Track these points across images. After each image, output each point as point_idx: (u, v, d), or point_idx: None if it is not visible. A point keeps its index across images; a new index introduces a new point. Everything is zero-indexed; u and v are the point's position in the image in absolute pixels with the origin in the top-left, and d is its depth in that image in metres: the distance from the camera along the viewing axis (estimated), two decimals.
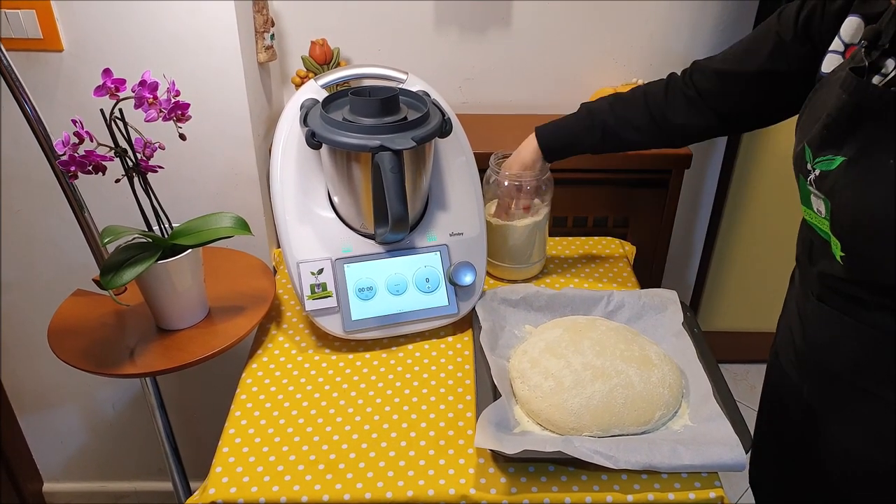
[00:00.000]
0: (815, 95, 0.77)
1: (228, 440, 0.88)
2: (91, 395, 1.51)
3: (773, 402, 1.01)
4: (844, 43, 0.75)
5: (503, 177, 1.10)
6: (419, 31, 1.39)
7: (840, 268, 0.74)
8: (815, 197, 0.74)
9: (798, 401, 0.90)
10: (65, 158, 0.85)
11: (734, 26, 1.43)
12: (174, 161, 1.08)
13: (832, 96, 0.71)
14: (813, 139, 0.73)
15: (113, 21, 1.08)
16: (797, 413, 0.91)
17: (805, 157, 0.75)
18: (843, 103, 0.69)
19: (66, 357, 0.95)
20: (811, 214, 0.77)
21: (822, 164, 0.72)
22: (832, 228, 0.73)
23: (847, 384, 0.81)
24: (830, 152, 0.71)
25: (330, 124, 0.94)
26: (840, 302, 0.79)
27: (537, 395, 0.89)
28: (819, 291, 0.82)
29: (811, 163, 0.74)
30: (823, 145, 0.72)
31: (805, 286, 0.86)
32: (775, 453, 1.00)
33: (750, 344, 2.04)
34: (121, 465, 1.64)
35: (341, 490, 0.81)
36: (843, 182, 0.69)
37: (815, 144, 0.73)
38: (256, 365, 1.01)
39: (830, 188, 0.71)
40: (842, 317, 0.79)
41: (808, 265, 0.84)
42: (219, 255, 1.16)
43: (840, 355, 0.81)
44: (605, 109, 1.01)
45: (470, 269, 1.04)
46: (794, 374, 0.91)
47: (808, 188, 0.75)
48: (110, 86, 0.84)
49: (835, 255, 0.74)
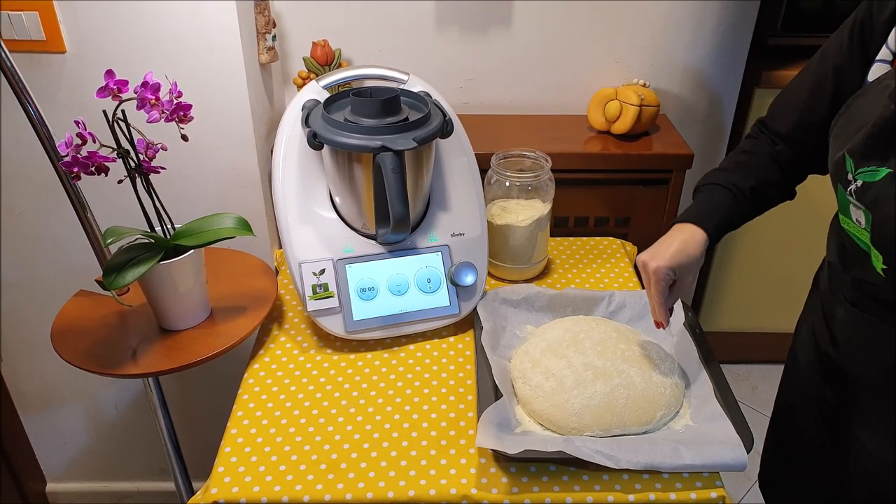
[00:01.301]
0: (855, 102, 0.75)
1: (230, 440, 0.88)
2: (94, 395, 1.51)
3: (791, 406, 1.00)
4: (892, 51, 0.73)
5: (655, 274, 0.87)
6: (420, 31, 1.39)
7: (881, 279, 0.72)
8: (855, 207, 0.72)
9: (820, 407, 0.89)
10: (67, 159, 0.85)
11: (735, 27, 1.43)
12: (176, 162, 1.08)
13: (877, 105, 0.69)
14: (855, 148, 0.71)
15: (115, 22, 1.09)
16: (818, 419, 0.90)
17: (846, 167, 0.72)
18: (891, 114, 0.66)
19: (69, 357, 0.95)
20: (850, 224, 0.75)
21: (864, 174, 0.70)
22: (873, 241, 0.71)
23: (878, 391, 0.80)
24: (874, 163, 0.69)
25: (331, 125, 0.94)
26: (877, 308, 0.77)
27: (539, 395, 0.89)
28: (853, 297, 0.80)
29: (852, 173, 0.71)
30: (867, 155, 0.69)
31: (836, 290, 0.84)
32: (791, 459, 0.99)
33: (752, 344, 2.04)
34: (123, 465, 1.65)
35: (343, 490, 0.81)
36: (886, 194, 0.67)
37: (857, 154, 0.71)
38: (258, 365, 1.01)
39: (873, 200, 0.69)
40: (878, 323, 0.77)
41: (842, 270, 0.81)
42: (221, 256, 1.17)
43: (873, 361, 0.79)
44: (742, 178, 0.90)
45: (471, 270, 1.04)
46: (816, 379, 0.90)
47: (848, 198, 0.73)
48: (113, 87, 0.84)
49: (875, 267, 0.72)
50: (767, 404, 1.95)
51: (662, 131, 1.43)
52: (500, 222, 1.14)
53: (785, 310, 1.91)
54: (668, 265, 0.84)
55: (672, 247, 0.85)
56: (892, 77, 0.70)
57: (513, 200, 1.16)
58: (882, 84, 0.71)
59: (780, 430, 1.03)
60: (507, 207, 1.16)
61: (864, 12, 0.76)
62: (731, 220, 0.90)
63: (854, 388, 0.83)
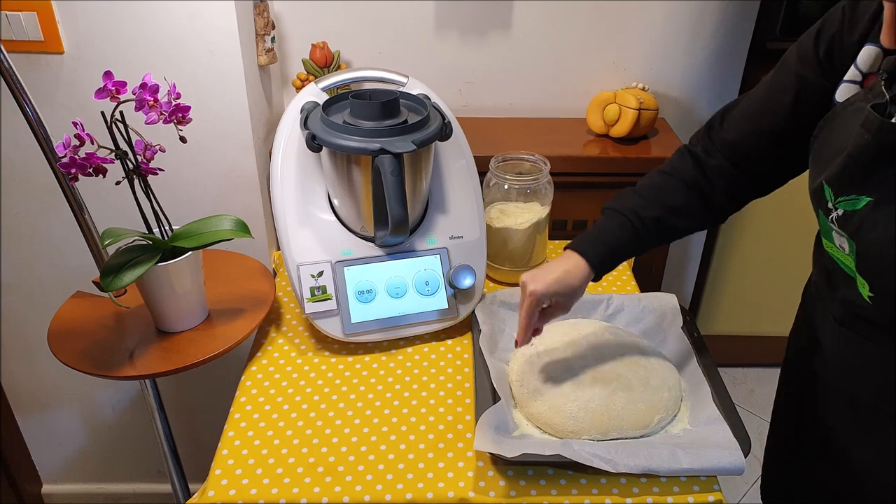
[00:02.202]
0: (828, 125, 0.74)
1: (228, 442, 0.88)
2: (90, 396, 1.51)
3: (786, 419, 0.99)
4: (862, 72, 0.71)
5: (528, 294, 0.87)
6: (420, 34, 1.39)
7: (868, 304, 0.71)
8: (838, 234, 0.71)
9: (814, 421, 0.88)
10: (65, 160, 0.85)
11: (734, 31, 1.43)
12: (174, 163, 1.08)
13: (851, 133, 0.68)
14: (833, 178, 0.70)
15: (114, 23, 1.08)
16: (813, 434, 0.89)
17: (825, 196, 0.71)
18: (865, 143, 0.65)
19: (66, 359, 0.95)
20: (833, 248, 0.74)
21: (844, 203, 0.69)
22: (858, 268, 0.70)
23: (871, 409, 0.79)
24: (854, 192, 0.67)
25: (330, 127, 0.94)
26: (864, 328, 0.76)
27: (536, 399, 0.89)
28: (842, 317, 0.79)
29: (832, 202, 0.70)
30: (845, 185, 0.68)
31: (825, 310, 0.83)
32: (789, 472, 0.99)
33: (749, 348, 2.04)
34: (120, 467, 1.64)
35: (340, 493, 0.81)
36: (869, 224, 0.66)
37: (835, 183, 0.69)
38: (256, 367, 1.01)
39: (857, 229, 0.68)
40: (864, 342, 0.76)
41: (829, 290, 0.81)
42: (219, 258, 1.16)
43: (865, 381, 0.79)
44: (647, 205, 0.87)
45: (470, 273, 1.04)
46: (809, 394, 0.89)
47: (830, 226, 0.72)
48: (111, 88, 0.84)
49: (861, 294, 0.71)
50: (765, 408, 1.95)
51: (661, 135, 1.43)
52: (498, 225, 1.14)
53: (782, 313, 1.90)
54: (545, 291, 0.84)
55: (553, 274, 0.85)
56: (863, 100, 0.69)
57: (511, 203, 1.16)
58: (854, 107, 0.70)
59: (779, 445, 1.02)
60: (505, 210, 1.16)
61: (837, 27, 0.74)
62: (624, 251, 0.88)
63: (847, 405, 0.83)
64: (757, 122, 0.83)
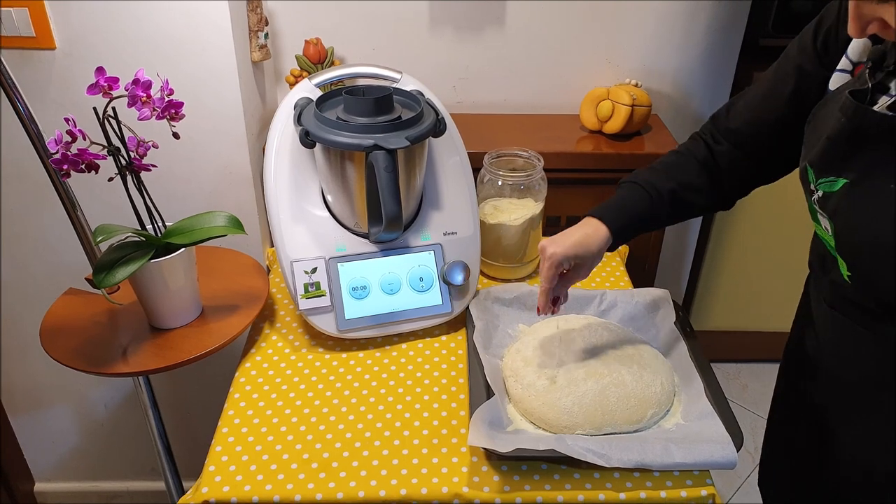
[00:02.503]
0: (819, 112, 0.76)
1: (222, 439, 0.88)
2: (83, 394, 1.51)
3: (784, 407, 1.01)
4: (852, 62, 0.74)
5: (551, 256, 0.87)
6: (413, 30, 1.39)
7: (848, 284, 0.74)
8: (821, 215, 0.74)
9: (809, 408, 0.90)
10: (57, 157, 0.84)
11: (727, 27, 1.44)
12: (167, 160, 1.08)
13: (832, 118, 0.71)
14: (814, 160, 0.73)
15: (106, 19, 1.08)
16: (808, 420, 0.90)
17: (808, 177, 0.74)
18: (841, 126, 0.68)
19: (59, 356, 0.95)
20: (820, 229, 0.76)
21: (824, 185, 0.72)
22: (837, 248, 0.72)
23: (859, 392, 0.80)
24: (832, 174, 0.70)
25: (324, 123, 0.94)
26: (852, 311, 0.78)
27: (530, 394, 0.89)
28: (831, 299, 0.81)
29: (814, 183, 0.73)
30: (824, 167, 0.71)
31: (818, 293, 0.86)
32: (786, 462, 1.00)
33: (742, 343, 2.05)
34: (113, 465, 1.64)
35: (334, 489, 0.81)
36: (845, 205, 0.69)
37: (816, 165, 0.73)
38: (250, 364, 1.01)
39: (834, 210, 0.71)
40: (853, 325, 0.78)
41: (821, 273, 0.83)
42: (212, 254, 1.16)
43: (854, 364, 0.80)
44: (662, 178, 0.90)
45: (464, 269, 1.04)
46: (805, 381, 0.90)
47: (814, 207, 0.75)
48: (103, 84, 0.83)
49: (842, 274, 0.73)
50: (758, 403, 1.96)
51: (654, 131, 1.43)
52: (492, 221, 1.14)
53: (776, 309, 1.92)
54: (564, 254, 0.85)
55: (573, 237, 0.86)
56: (850, 87, 0.71)
57: (505, 199, 1.16)
58: (840, 94, 0.72)
59: (776, 433, 1.04)
60: (499, 206, 1.16)
61: (833, 19, 0.76)
62: (642, 220, 0.90)
63: (839, 391, 0.84)
64: (760, 111, 0.85)
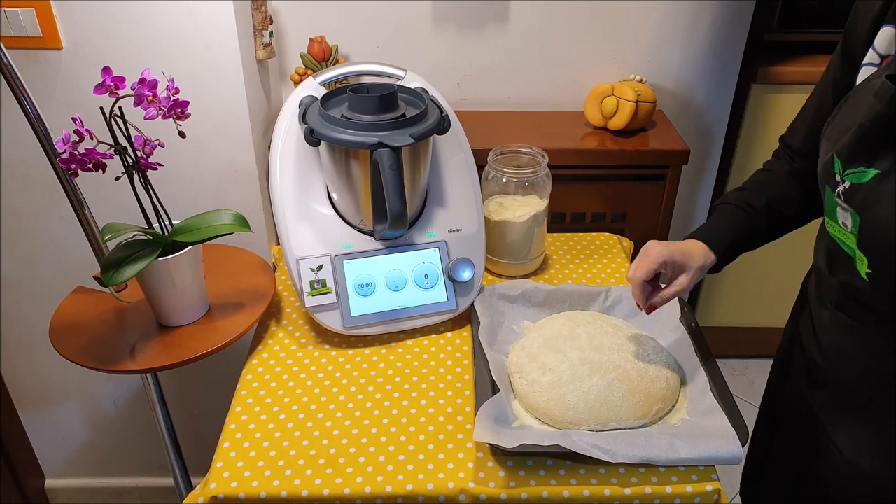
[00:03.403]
0: (846, 104, 0.74)
1: (229, 435, 0.89)
2: (92, 391, 1.52)
3: (775, 410, 1.00)
4: (880, 55, 0.72)
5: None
6: (417, 28, 1.39)
7: (865, 283, 0.72)
8: (842, 210, 0.71)
9: (804, 411, 0.89)
10: (65, 156, 0.85)
11: (732, 23, 1.43)
12: (173, 158, 1.09)
13: (864, 105, 0.68)
14: (843, 149, 0.70)
15: (112, 19, 1.08)
16: (801, 424, 0.90)
17: (834, 168, 0.71)
18: (877, 114, 0.66)
19: (68, 354, 0.96)
20: (835, 227, 0.74)
21: (852, 176, 0.69)
22: (860, 244, 0.70)
23: (859, 395, 0.80)
24: (862, 164, 0.68)
25: (329, 121, 0.94)
26: (862, 313, 0.77)
27: (535, 390, 0.89)
28: (839, 301, 0.80)
29: (840, 174, 0.70)
30: (854, 156, 0.68)
31: (823, 295, 0.84)
32: (773, 465, 0.99)
33: (747, 339, 2.05)
34: (122, 462, 1.65)
35: (341, 484, 0.82)
36: (874, 196, 0.66)
37: (844, 155, 0.70)
38: (256, 361, 1.01)
39: (861, 202, 0.68)
40: (862, 328, 0.77)
41: (829, 275, 0.81)
42: (218, 252, 1.17)
43: (857, 366, 0.79)
44: (754, 196, 0.91)
45: (468, 266, 1.04)
46: (801, 384, 0.90)
47: (836, 200, 0.72)
48: (110, 84, 0.84)
49: (860, 272, 0.71)
50: None
51: (659, 127, 1.43)
52: (497, 218, 1.15)
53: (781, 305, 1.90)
54: (666, 250, 0.85)
55: (676, 244, 0.87)
56: (878, 76, 0.69)
57: (510, 196, 1.17)
58: (870, 84, 0.70)
59: (764, 437, 1.03)
60: (504, 203, 1.16)
61: (851, 18, 0.76)
62: (742, 239, 0.90)
63: (837, 394, 0.83)
64: (813, 126, 0.85)
